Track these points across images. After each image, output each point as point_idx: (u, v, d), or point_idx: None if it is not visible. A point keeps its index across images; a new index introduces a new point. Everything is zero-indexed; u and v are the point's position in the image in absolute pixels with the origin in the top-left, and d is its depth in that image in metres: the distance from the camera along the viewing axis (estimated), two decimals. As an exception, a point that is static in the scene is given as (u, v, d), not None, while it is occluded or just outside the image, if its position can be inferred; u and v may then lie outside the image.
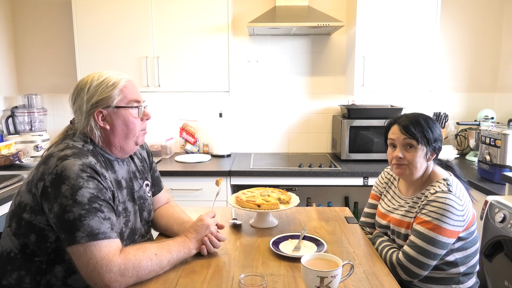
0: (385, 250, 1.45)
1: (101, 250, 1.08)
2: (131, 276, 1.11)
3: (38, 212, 1.14)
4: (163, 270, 1.20)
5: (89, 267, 1.07)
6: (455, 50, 3.12)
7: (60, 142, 1.24)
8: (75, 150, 1.18)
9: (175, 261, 1.23)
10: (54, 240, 1.15)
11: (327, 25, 2.62)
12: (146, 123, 1.37)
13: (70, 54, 2.99)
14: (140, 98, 1.33)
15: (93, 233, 1.08)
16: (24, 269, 1.17)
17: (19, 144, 2.86)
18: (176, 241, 1.28)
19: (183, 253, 1.27)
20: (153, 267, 1.16)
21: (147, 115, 1.35)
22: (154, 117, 3.21)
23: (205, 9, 2.74)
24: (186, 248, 1.28)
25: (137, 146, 1.36)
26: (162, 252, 1.20)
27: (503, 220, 1.78)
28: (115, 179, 1.28)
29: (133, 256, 1.12)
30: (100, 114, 1.26)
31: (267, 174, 2.64)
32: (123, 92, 1.27)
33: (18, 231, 1.18)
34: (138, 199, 1.38)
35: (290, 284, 1.15)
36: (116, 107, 1.26)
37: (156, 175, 1.57)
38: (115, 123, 1.27)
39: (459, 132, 3.12)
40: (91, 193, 1.11)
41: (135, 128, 1.31)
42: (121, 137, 1.29)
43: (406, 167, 1.47)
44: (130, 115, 1.29)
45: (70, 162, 1.12)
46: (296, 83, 3.18)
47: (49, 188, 1.11)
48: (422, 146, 1.44)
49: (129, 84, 1.30)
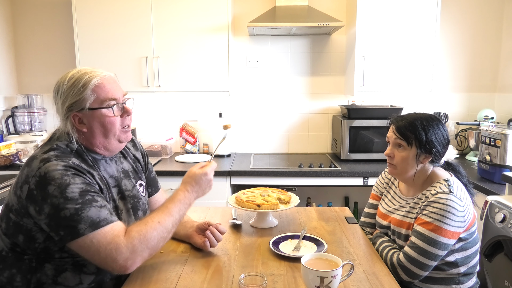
0: (385, 251, 1.45)
1: (107, 236, 1.08)
2: (142, 250, 1.11)
3: (24, 215, 1.13)
4: (171, 233, 1.21)
5: (100, 255, 1.08)
6: (455, 50, 3.12)
7: (45, 144, 1.23)
8: (58, 152, 1.17)
9: (178, 220, 1.23)
10: (43, 241, 1.15)
11: (327, 25, 2.62)
12: (129, 119, 1.29)
13: (70, 54, 2.99)
14: (116, 95, 1.24)
15: (95, 222, 1.08)
16: (15, 267, 1.17)
17: (19, 144, 2.86)
18: (175, 200, 1.25)
19: (185, 210, 1.26)
20: (160, 234, 1.16)
21: (128, 111, 1.28)
22: (155, 117, 3.22)
23: (205, 9, 2.74)
24: (186, 203, 1.26)
25: (123, 144, 1.32)
26: (164, 218, 1.19)
27: (503, 220, 1.78)
28: (103, 177, 1.26)
29: (137, 232, 1.13)
30: (77, 117, 1.21)
31: (267, 174, 2.64)
32: (96, 92, 1.20)
33: (7, 231, 1.18)
34: (130, 198, 1.36)
35: (290, 284, 1.15)
36: (90, 109, 1.21)
37: (152, 176, 1.55)
38: (92, 125, 1.22)
39: (459, 132, 3.12)
40: (80, 188, 1.10)
41: (113, 127, 1.25)
42: (100, 137, 1.25)
43: (395, 166, 1.49)
44: (106, 115, 1.22)
45: (52, 163, 1.11)
46: (296, 83, 3.18)
47: (34, 190, 1.09)
48: (412, 147, 1.44)
49: (103, 81, 1.22)
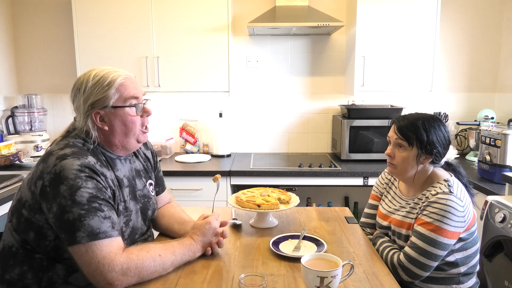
0: (386, 251, 1.45)
1: (103, 249, 1.07)
2: (133, 276, 1.10)
3: (37, 211, 1.14)
4: (166, 272, 1.19)
5: (91, 266, 1.07)
6: (455, 50, 3.12)
7: (62, 140, 1.23)
8: (75, 149, 1.17)
9: (178, 263, 1.22)
10: (53, 239, 1.15)
11: (327, 25, 2.62)
12: (147, 119, 1.33)
13: (70, 54, 2.99)
14: (138, 94, 1.28)
15: (94, 232, 1.07)
16: (26, 265, 1.17)
17: (19, 144, 2.86)
18: (182, 243, 1.26)
19: (188, 256, 1.25)
20: (156, 268, 1.15)
21: (148, 111, 1.31)
22: (155, 117, 3.21)
23: (205, 9, 2.74)
24: (191, 251, 1.26)
25: (140, 144, 1.34)
26: (166, 254, 1.19)
27: (503, 220, 1.78)
28: (117, 177, 1.27)
29: (136, 256, 1.12)
30: (98, 115, 1.23)
31: (267, 174, 2.64)
32: (120, 91, 1.23)
33: (18, 227, 1.17)
34: (141, 198, 1.38)
35: (290, 284, 1.15)
36: (113, 107, 1.23)
37: (160, 175, 1.56)
38: (114, 123, 1.24)
39: (459, 132, 3.12)
40: (90, 193, 1.10)
41: (134, 126, 1.27)
42: (120, 136, 1.27)
43: (395, 166, 1.49)
44: (129, 114, 1.25)
45: (68, 162, 1.11)
46: (296, 83, 3.18)
47: (47, 187, 1.10)
48: (413, 148, 1.44)
49: (126, 81, 1.25)
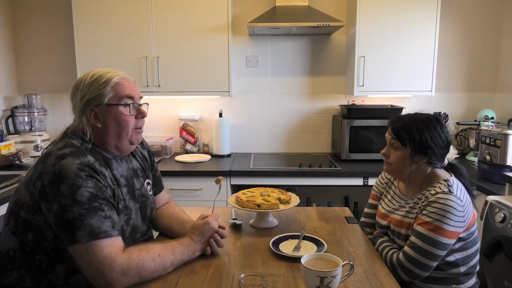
0: (385, 251, 1.45)
1: (103, 249, 1.07)
2: (133, 276, 1.10)
3: (36, 211, 1.13)
4: (166, 271, 1.19)
5: (91, 266, 1.07)
6: (455, 50, 3.12)
7: (59, 141, 1.23)
8: (74, 148, 1.17)
9: (178, 263, 1.23)
10: (53, 239, 1.14)
11: (327, 25, 2.62)
12: (142, 121, 1.33)
13: (70, 54, 2.99)
14: (133, 95, 1.28)
15: (94, 232, 1.07)
16: (24, 268, 1.17)
17: (19, 144, 2.86)
18: (181, 243, 1.27)
19: (187, 256, 1.26)
20: (156, 268, 1.15)
21: (143, 113, 1.31)
22: (155, 117, 3.21)
23: (205, 9, 2.74)
24: (190, 251, 1.27)
25: (134, 146, 1.34)
26: (165, 253, 1.19)
27: (503, 220, 1.78)
28: (114, 177, 1.27)
29: (136, 256, 1.12)
30: (93, 112, 1.24)
31: (267, 174, 2.64)
32: (115, 89, 1.24)
33: (16, 229, 1.17)
34: (139, 197, 1.38)
35: (290, 284, 1.15)
36: (107, 105, 1.24)
37: (157, 175, 1.57)
38: (107, 121, 1.25)
39: (459, 132, 3.12)
40: (91, 192, 1.10)
41: (127, 125, 1.27)
42: (113, 135, 1.27)
43: (390, 165, 1.51)
44: (122, 113, 1.26)
45: (68, 161, 1.11)
46: (296, 83, 3.18)
47: (47, 187, 1.10)
48: (407, 148, 1.44)
49: (123, 81, 1.27)
